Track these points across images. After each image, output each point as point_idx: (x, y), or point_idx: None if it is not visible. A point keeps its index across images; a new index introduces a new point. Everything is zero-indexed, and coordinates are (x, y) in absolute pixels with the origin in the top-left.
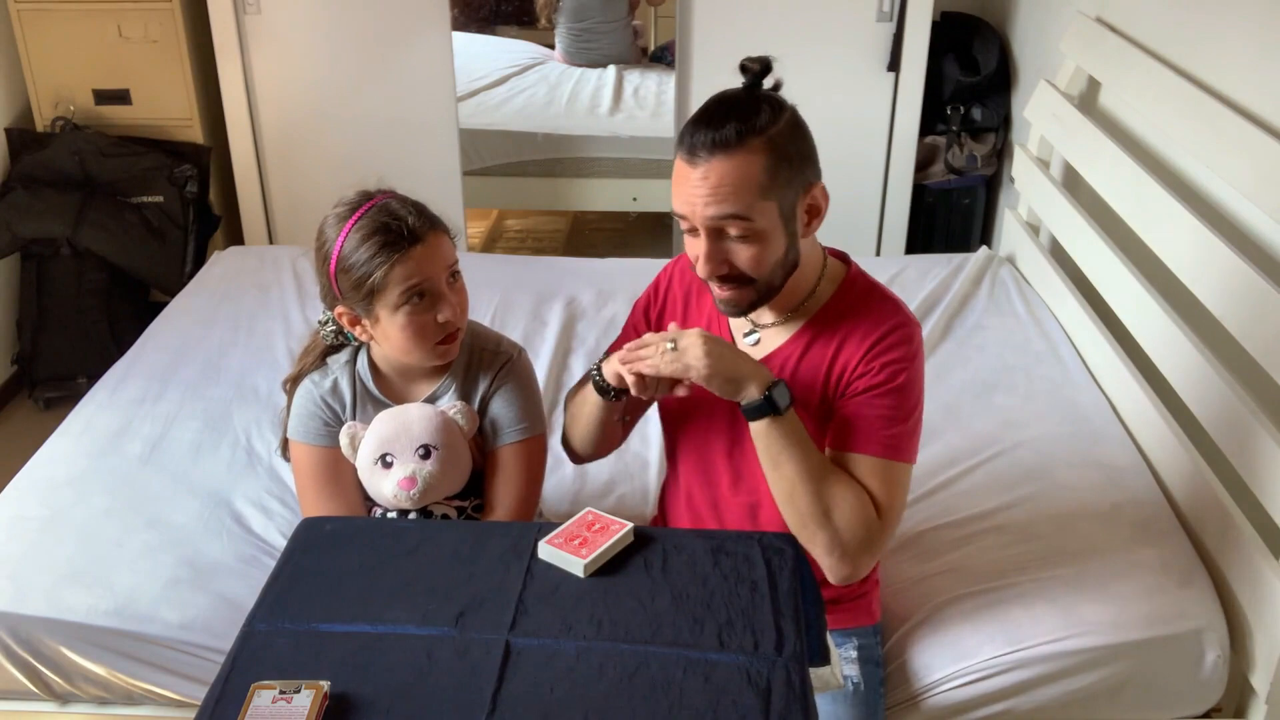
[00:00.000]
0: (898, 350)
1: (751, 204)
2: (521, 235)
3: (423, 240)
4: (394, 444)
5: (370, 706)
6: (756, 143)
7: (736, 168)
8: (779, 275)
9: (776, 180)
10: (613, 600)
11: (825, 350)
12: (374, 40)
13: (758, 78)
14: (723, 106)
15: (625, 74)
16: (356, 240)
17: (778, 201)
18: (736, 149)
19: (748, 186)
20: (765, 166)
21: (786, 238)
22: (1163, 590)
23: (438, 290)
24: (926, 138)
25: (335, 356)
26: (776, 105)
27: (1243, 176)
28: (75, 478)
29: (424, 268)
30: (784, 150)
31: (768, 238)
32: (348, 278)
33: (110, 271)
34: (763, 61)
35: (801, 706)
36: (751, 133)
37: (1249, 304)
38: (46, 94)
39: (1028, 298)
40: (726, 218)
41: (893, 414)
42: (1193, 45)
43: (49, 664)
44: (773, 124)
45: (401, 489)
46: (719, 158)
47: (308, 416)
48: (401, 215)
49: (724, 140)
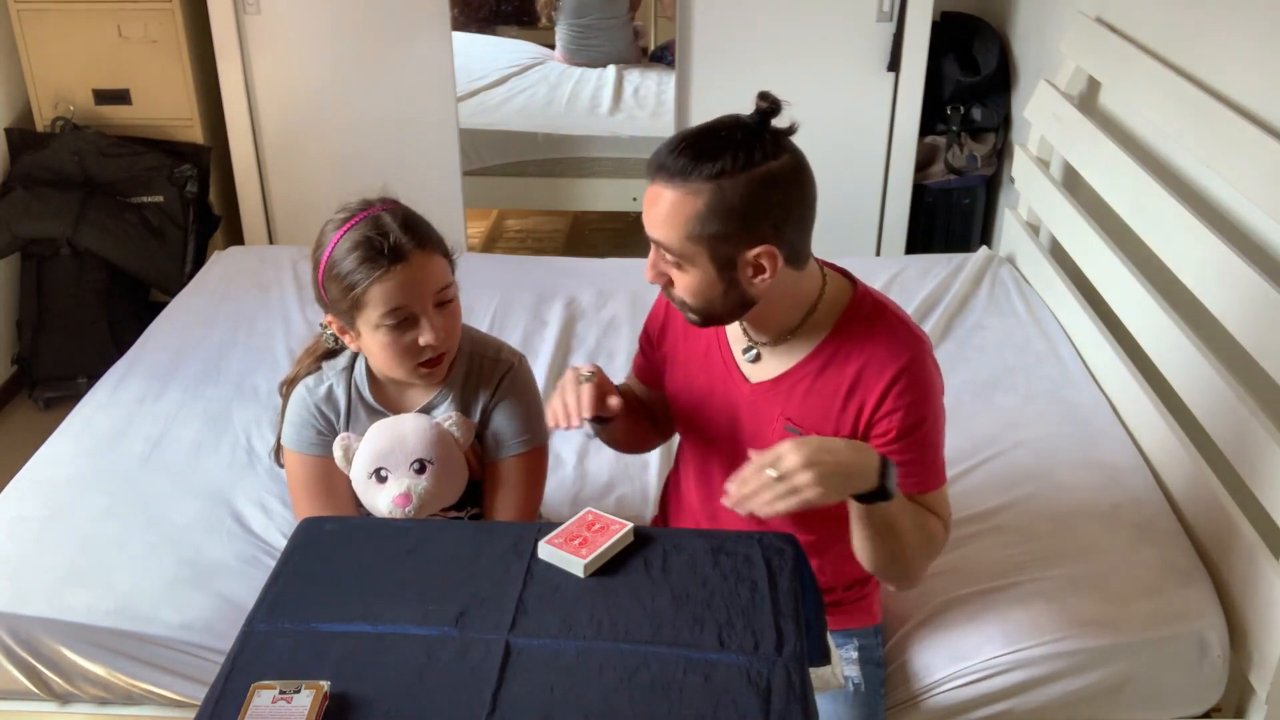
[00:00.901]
0: (917, 389)
1: (678, 241)
2: (521, 235)
3: (406, 260)
4: (388, 458)
5: (370, 706)
6: (700, 186)
7: (673, 201)
8: (720, 308)
9: (707, 228)
10: (613, 600)
11: (840, 378)
12: (374, 40)
13: (763, 116)
14: (699, 136)
15: (625, 74)
16: (344, 250)
17: (708, 249)
18: (679, 183)
19: (676, 223)
20: (698, 213)
21: (723, 283)
22: (1163, 590)
23: (419, 314)
24: (926, 138)
25: (331, 362)
26: (758, 153)
27: (1243, 176)
28: (75, 478)
29: (405, 290)
30: (728, 203)
31: (696, 274)
32: (334, 287)
33: (110, 271)
34: (772, 101)
35: (801, 706)
36: (698, 175)
37: (1250, 304)
38: (46, 94)
39: (1028, 298)
40: (655, 242)
41: (925, 450)
42: (1193, 45)
43: (49, 664)
44: (729, 173)
45: (396, 505)
46: (661, 183)
47: (301, 425)
48: (389, 231)
49: (671, 170)
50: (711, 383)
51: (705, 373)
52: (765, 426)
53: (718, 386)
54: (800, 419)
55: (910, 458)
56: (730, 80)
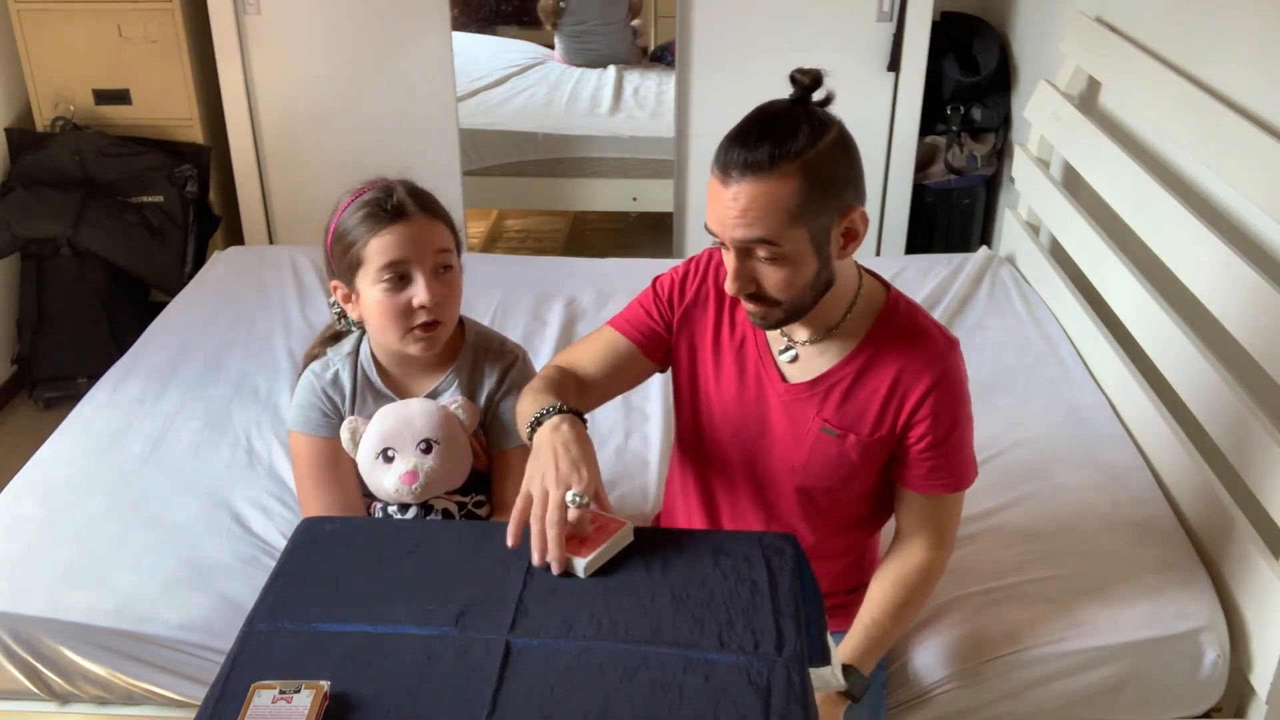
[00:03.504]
0: (953, 396)
1: (780, 230)
2: (521, 235)
3: (408, 218)
4: (396, 438)
5: (370, 706)
6: (790, 167)
7: (766, 192)
8: (808, 297)
9: (808, 207)
10: (613, 600)
11: (878, 381)
12: (374, 40)
13: (805, 91)
14: (761, 124)
15: (625, 74)
16: (351, 212)
17: (808, 228)
18: (769, 173)
19: (777, 212)
20: (797, 192)
21: (818, 262)
22: (1163, 590)
23: (417, 272)
24: (926, 138)
25: (337, 347)
26: (819, 124)
27: (1243, 176)
28: (75, 478)
29: (404, 246)
30: (819, 175)
31: (797, 263)
32: (338, 247)
33: (110, 271)
34: (813, 75)
35: (801, 706)
36: (785, 157)
37: (1249, 304)
38: (46, 94)
39: (1028, 298)
40: (754, 241)
41: (957, 452)
42: (1193, 45)
43: (49, 664)
44: (810, 147)
45: (404, 483)
46: (749, 180)
47: (307, 407)
48: (394, 191)
49: (756, 163)
50: (744, 381)
51: (739, 371)
52: (801, 428)
53: (750, 385)
54: (838, 421)
55: (943, 462)
56: (730, 80)
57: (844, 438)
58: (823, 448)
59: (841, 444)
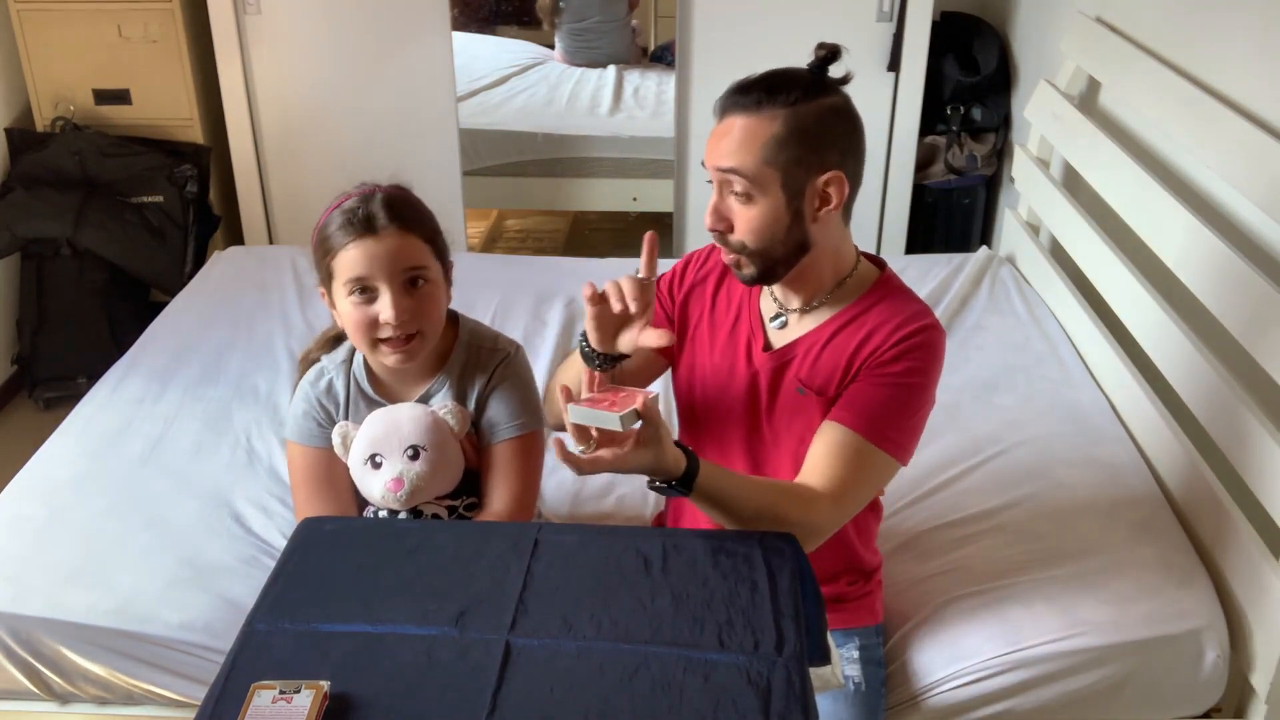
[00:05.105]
0: (921, 351)
1: (754, 164)
2: (521, 235)
3: (376, 233)
4: (383, 444)
5: (370, 706)
6: (776, 111)
7: (747, 127)
8: (779, 250)
9: (784, 150)
10: (613, 600)
11: (851, 339)
12: (374, 40)
13: (821, 62)
14: (765, 76)
15: (625, 74)
16: (331, 218)
17: (782, 172)
18: (755, 111)
19: (752, 147)
20: (776, 134)
21: (789, 215)
22: (1162, 590)
23: (383, 287)
24: (926, 138)
25: (331, 355)
26: (819, 86)
27: (1242, 176)
28: (75, 478)
29: (369, 262)
30: (804, 125)
31: (766, 204)
32: (317, 253)
33: (110, 271)
34: (831, 48)
35: (801, 706)
36: (773, 103)
37: (1249, 304)
38: (46, 94)
39: (1028, 298)
40: (729, 170)
41: (894, 404)
42: (1193, 45)
43: (49, 664)
44: (802, 101)
45: (389, 490)
46: (737, 115)
47: (302, 417)
48: (368, 203)
49: (745, 102)
50: (735, 359)
51: (731, 348)
52: (780, 391)
53: (740, 360)
54: (810, 379)
55: (880, 399)
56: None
57: (818, 397)
58: (803, 411)
59: (817, 403)
